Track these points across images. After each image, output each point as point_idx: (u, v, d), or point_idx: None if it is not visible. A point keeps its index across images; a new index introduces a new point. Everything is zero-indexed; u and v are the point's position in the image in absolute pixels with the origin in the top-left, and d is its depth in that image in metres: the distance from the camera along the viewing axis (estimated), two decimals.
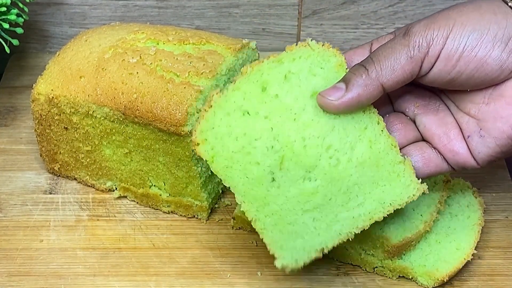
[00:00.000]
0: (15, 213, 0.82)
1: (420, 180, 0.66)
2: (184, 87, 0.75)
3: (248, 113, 0.65)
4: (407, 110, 0.71)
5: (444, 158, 0.69)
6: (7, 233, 0.80)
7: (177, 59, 0.78)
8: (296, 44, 0.66)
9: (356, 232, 0.64)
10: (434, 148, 0.69)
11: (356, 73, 0.64)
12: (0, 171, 0.87)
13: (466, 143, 0.68)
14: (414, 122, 0.71)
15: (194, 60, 0.77)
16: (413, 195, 0.65)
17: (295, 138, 0.64)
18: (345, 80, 0.65)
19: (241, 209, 0.64)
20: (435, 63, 0.64)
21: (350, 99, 0.64)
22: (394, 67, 0.64)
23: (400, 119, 0.70)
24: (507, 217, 0.82)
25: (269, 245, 0.63)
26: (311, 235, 0.64)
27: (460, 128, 0.68)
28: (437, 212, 0.75)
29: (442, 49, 0.63)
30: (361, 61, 0.66)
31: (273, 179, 0.64)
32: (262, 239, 0.63)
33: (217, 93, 0.65)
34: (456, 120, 0.69)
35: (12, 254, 0.77)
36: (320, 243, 0.63)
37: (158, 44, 0.80)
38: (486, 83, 0.65)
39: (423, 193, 0.76)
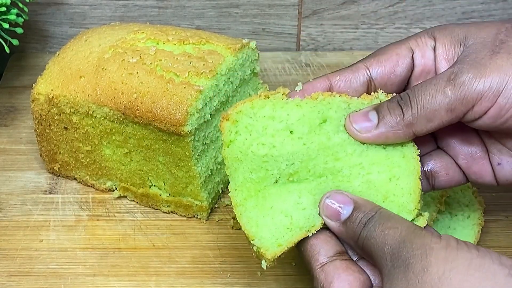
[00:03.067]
0: (15, 213, 0.82)
1: None
2: (184, 87, 0.75)
3: (291, 132, 0.62)
4: None
5: (464, 173, 0.65)
6: (7, 233, 0.80)
7: (177, 59, 0.78)
8: (370, 94, 0.63)
9: None
10: (456, 164, 0.65)
11: (391, 113, 0.60)
12: (0, 171, 0.88)
13: (492, 167, 0.64)
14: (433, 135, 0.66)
15: (194, 60, 0.77)
16: None
17: (319, 166, 0.61)
18: (379, 113, 0.61)
19: (230, 194, 0.62)
20: (480, 118, 0.59)
21: (377, 137, 0.60)
22: (430, 118, 0.59)
23: None
24: (507, 217, 0.81)
25: (244, 226, 0.59)
26: (294, 209, 0.60)
27: (487, 151, 0.64)
28: (437, 212, 0.75)
29: (491, 106, 0.58)
30: (401, 97, 0.61)
31: (276, 181, 0.62)
32: (239, 225, 0.60)
33: (283, 93, 0.63)
34: (482, 141, 0.65)
35: (12, 254, 0.77)
36: (305, 218, 0.59)
37: (158, 44, 0.80)
38: None
39: (423, 193, 0.76)
